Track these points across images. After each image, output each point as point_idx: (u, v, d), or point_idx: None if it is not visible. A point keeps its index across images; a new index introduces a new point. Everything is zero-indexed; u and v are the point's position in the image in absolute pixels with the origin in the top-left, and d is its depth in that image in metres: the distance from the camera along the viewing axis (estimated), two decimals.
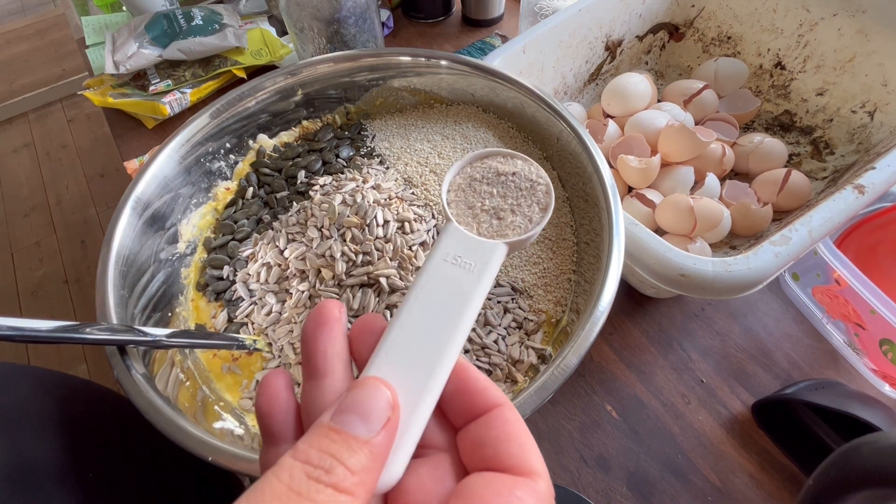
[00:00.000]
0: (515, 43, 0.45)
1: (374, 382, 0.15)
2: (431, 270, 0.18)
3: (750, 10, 0.53)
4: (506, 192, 0.22)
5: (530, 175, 0.23)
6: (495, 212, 0.22)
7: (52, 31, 2.00)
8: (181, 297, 0.38)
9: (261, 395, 0.16)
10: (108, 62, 0.62)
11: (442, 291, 0.18)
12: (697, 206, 0.41)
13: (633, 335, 0.44)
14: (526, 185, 0.23)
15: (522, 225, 0.21)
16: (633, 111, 0.50)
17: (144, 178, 0.36)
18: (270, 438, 0.16)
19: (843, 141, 0.48)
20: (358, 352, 0.17)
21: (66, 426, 0.32)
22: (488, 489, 0.14)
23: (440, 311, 0.17)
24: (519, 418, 0.16)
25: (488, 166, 0.23)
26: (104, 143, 1.65)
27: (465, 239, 0.20)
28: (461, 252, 0.19)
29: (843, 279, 0.38)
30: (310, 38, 0.52)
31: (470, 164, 0.23)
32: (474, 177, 0.23)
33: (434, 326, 0.17)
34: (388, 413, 0.14)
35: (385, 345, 0.17)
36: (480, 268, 0.19)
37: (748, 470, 0.38)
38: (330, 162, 0.44)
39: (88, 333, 0.26)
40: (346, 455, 0.13)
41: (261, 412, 0.16)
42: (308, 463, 0.13)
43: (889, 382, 0.40)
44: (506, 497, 0.14)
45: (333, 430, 0.14)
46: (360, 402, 0.14)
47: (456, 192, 0.22)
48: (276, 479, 0.12)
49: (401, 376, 0.16)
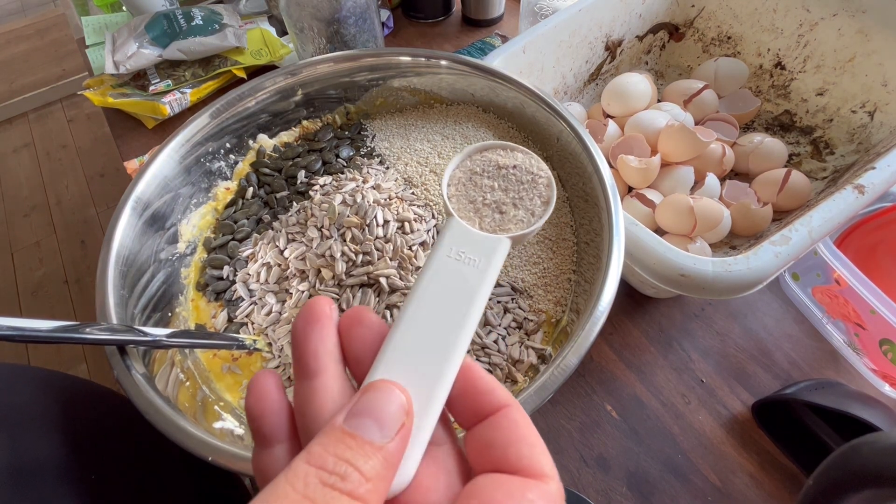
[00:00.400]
0: (515, 43, 0.45)
1: (388, 386, 0.14)
2: (435, 267, 0.18)
3: (750, 10, 0.53)
4: (507, 185, 0.22)
5: (531, 168, 0.23)
6: (497, 206, 0.21)
7: (52, 31, 2.00)
8: (181, 297, 0.38)
9: (250, 396, 0.16)
10: (108, 62, 0.62)
11: (447, 288, 0.18)
12: (697, 206, 0.41)
13: (633, 335, 0.44)
14: (527, 178, 0.22)
15: (525, 219, 0.21)
16: (633, 111, 0.50)
17: (144, 178, 0.36)
18: (262, 440, 0.15)
19: (843, 141, 0.48)
20: (349, 347, 0.17)
21: (69, 427, 0.32)
22: (499, 491, 0.14)
23: (446, 307, 0.17)
24: (527, 419, 0.16)
25: (488, 159, 0.23)
26: (104, 143, 1.65)
27: (468, 234, 0.20)
28: (464, 248, 0.19)
29: (843, 279, 0.38)
30: (310, 38, 0.52)
31: (469, 157, 0.23)
32: (475, 170, 0.23)
33: (441, 324, 0.17)
34: (402, 418, 0.14)
35: (391, 344, 0.16)
36: (485, 263, 0.18)
37: (748, 470, 0.38)
38: (330, 162, 0.44)
39: (88, 333, 0.26)
40: (360, 461, 0.13)
41: (251, 414, 0.16)
42: (323, 469, 0.12)
43: (889, 382, 0.40)
44: (517, 500, 0.13)
45: (348, 435, 0.13)
46: (374, 407, 0.14)
47: (456, 186, 0.22)
48: (289, 487, 0.12)
49: (410, 377, 0.15)
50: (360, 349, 0.16)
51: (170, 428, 0.26)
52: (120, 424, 0.35)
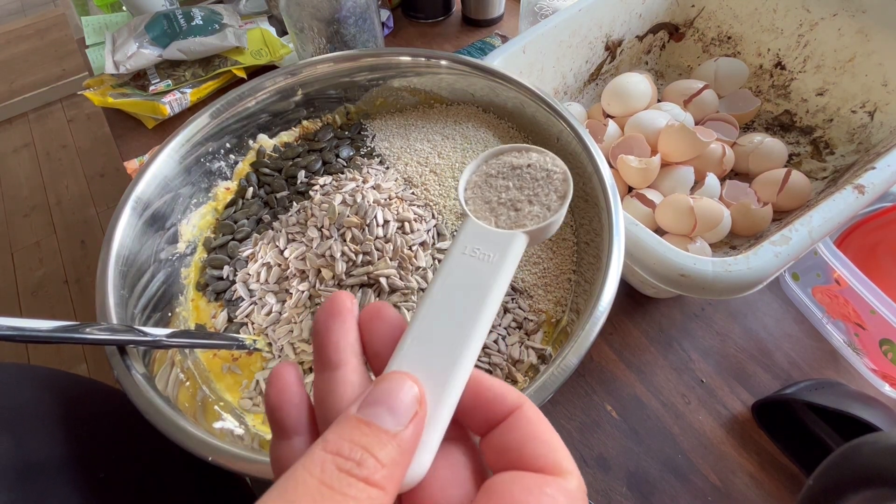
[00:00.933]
0: (515, 43, 0.45)
1: (400, 376, 0.15)
2: (451, 264, 0.18)
3: (750, 10, 0.53)
4: (522, 183, 0.22)
5: (546, 165, 0.23)
6: (512, 203, 0.21)
7: (52, 31, 2.00)
8: (181, 297, 0.38)
9: (271, 388, 0.16)
10: (108, 62, 0.62)
11: (462, 284, 0.18)
12: (697, 206, 0.41)
13: (633, 335, 0.44)
14: (542, 174, 0.22)
15: (541, 214, 0.21)
16: (633, 111, 0.50)
17: (144, 178, 0.36)
18: (281, 432, 0.16)
19: (843, 141, 0.48)
20: (368, 341, 0.17)
21: (72, 426, 0.32)
22: (517, 485, 0.14)
23: (461, 303, 0.17)
24: (541, 416, 0.15)
25: (503, 162, 0.23)
26: (104, 143, 1.65)
27: (484, 231, 0.20)
28: (480, 245, 0.19)
29: (843, 279, 0.38)
30: (310, 38, 0.52)
31: (485, 161, 0.23)
32: (490, 173, 0.23)
33: (455, 318, 0.17)
34: (415, 407, 0.14)
35: (408, 339, 0.16)
36: (500, 259, 0.19)
37: (748, 470, 0.38)
38: (330, 162, 0.44)
39: (88, 333, 0.26)
40: (376, 448, 0.13)
41: (271, 405, 0.16)
42: (339, 455, 0.12)
43: (889, 382, 0.40)
44: (536, 495, 0.13)
45: (363, 423, 0.13)
46: (387, 396, 0.14)
47: (473, 189, 0.22)
48: (307, 474, 0.12)
49: (425, 369, 0.16)
50: (380, 343, 0.17)
51: (170, 428, 0.26)
52: (122, 423, 0.35)
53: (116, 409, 0.36)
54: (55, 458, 0.30)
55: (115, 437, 0.35)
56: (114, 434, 0.35)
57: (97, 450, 0.32)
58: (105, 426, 0.35)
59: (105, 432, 0.34)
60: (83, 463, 0.31)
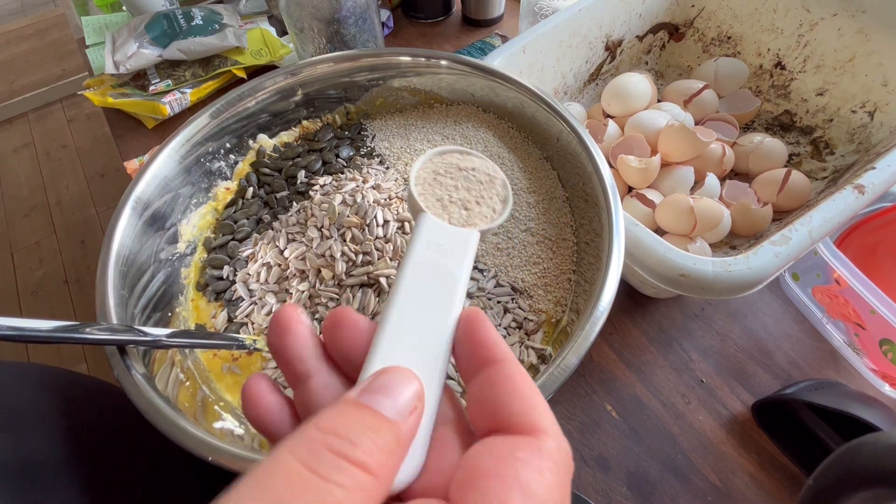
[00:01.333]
0: (515, 43, 0.45)
1: (402, 370, 0.14)
2: (417, 258, 0.19)
3: (750, 10, 0.53)
4: (469, 185, 0.24)
5: (487, 171, 0.25)
6: (463, 203, 0.23)
7: (52, 31, 2.00)
8: (181, 297, 0.38)
9: (244, 403, 0.15)
10: (108, 62, 0.62)
11: (431, 278, 0.18)
12: (697, 206, 0.41)
13: (633, 335, 0.44)
14: (485, 178, 0.25)
15: (489, 215, 0.24)
16: (633, 111, 0.50)
17: (144, 178, 0.36)
18: (275, 439, 0.15)
19: (843, 141, 0.48)
20: (337, 348, 0.16)
21: (74, 426, 0.32)
22: (488, 457, 0.13)
23: (433, 296, 0.18)
24: (523, 374, 0.15)
25: (449, 162, 0.25)
26: (104, 143, 1.65)
27: (442, 228, 0.21)
28: (441, 240, 0.20)
29: (843, 279, 0.38)
30: (310, 38, 0.52)
31: (431, 159, 0.25)
32: (438, 171, 0.25)
33: (430, 314, 0.17)
34: (415, 402, 0.14)
35: (385, 336, 0.16)
36: (461, 254, 0.20)
37: (748, 470, 0.38)
38: (330, 162, 0.44)
39: (88, 333, 0.26)
40: (374, 431, 0.12)
41: (250, 419, 0.15)
42: (334, 433, 0.12)
43: (889, 382, 0.40)
44: (507, 462, 0.12)
45: (363, 406, 0.13)
46: (390, 386, 0.13)
47: (423, 185, 0.24)
48: (291, 456, 0.11)
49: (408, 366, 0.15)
50: (348, 348, 0.16)
51: (170, 428, 0.26)
52: (122, 423, 0.35)
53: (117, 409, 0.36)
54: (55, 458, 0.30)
55: (116, 437, 0.35)
56: (114, 434, 0.35)
57: (97, 450, 0.32)
58: (105, 426, 0.35)
59: (105, 432, 0.34)
60: (83, 463, 0.31)
